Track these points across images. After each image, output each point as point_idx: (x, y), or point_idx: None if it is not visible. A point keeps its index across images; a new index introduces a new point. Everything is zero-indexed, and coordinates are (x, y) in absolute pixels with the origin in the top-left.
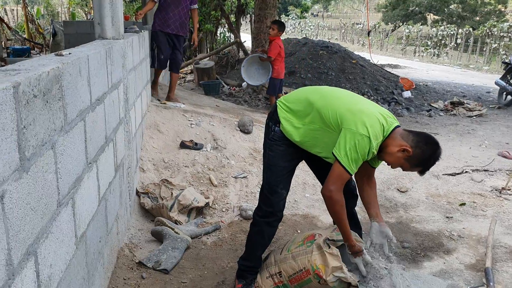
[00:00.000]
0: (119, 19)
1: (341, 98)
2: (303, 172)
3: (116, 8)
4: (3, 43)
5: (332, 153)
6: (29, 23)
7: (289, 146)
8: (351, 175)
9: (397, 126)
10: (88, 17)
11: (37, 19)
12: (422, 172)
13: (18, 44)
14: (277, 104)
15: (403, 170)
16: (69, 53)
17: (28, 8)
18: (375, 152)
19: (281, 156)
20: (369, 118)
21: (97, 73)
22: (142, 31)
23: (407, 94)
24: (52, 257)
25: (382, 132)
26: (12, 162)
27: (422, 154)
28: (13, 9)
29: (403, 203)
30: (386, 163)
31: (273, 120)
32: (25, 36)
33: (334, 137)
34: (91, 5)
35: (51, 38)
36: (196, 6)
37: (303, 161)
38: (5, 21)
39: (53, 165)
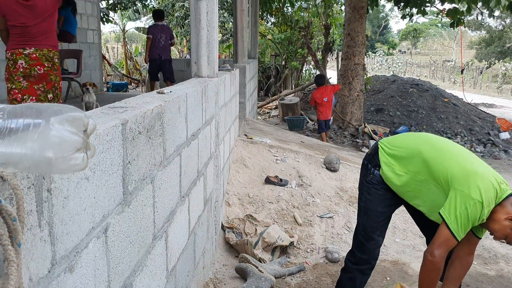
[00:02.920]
0: (214, 58)
1: (454, 153)
2: (393, 215)
3: (212, 48)
4: (103, 78)
5: (439, 213)
6: (127, 60)
7: (388, 190)
8: (458, 241)
9: (511, 194)
10: (181, 55)
11: (135, 56)
12: None
13: (117, 79)
14: (379, 146)
15: (508, 242)
16: (170, 91)
17: (127, 46)
18: (485, 219)
19: (379, 200)
20: (483, 182)
21: (193, 110)
22: (234, 69)
23: (505, 135)
24: None
25: (495, 199)
26: (116, 196)
27: None
28: (113, 47)
29: (504, 255)
30: (490, 233)
31: (372, 162)
32: (124, 72)
33: (440, 193)
34: (184, 44)
35: (148, 74)
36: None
37: None
38: (106, 58)
39: (151, 199)
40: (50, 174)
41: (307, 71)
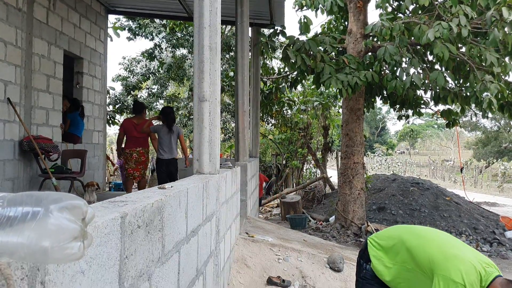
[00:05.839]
0: (216, 156)
1: (435, 240)
2: None
3: (214, 146)
4: (106, 178)
5: None
6: None
7: (382, 285)
8: None
9: (498, 276)
10: None
11: None
12: None
13: (119, 179)
14: (368, 241)
15: None
16: (171, 186)
17: None
18: None
19: None
20: (464, 264)
21: (194, 205)
22: (235, 166)
23: (510, 234)
24: None
25: (479, 282)
26: None
27: None
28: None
29: None
30: None
31: (364, 257)
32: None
33: (427, 282)
34: (188, 144)
35: (150, 174)
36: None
37: None
38: (110, 158)
39: None
40: (45, 264)
41: (307, 170)
